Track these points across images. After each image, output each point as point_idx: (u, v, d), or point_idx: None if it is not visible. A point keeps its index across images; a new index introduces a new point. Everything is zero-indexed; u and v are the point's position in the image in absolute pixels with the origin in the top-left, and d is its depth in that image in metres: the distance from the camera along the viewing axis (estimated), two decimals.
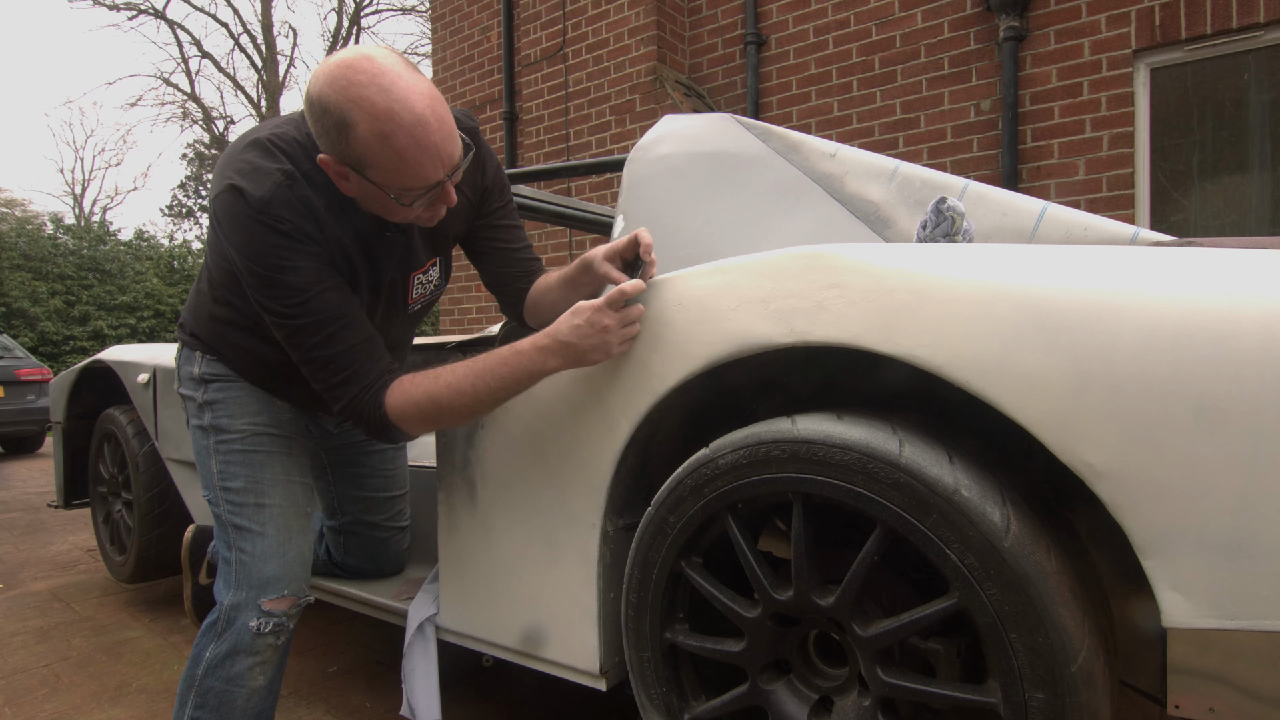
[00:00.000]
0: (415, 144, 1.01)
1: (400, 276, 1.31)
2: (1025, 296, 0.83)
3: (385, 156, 1.01)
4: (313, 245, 1.11)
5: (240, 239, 1.08)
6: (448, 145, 1.05)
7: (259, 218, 1.07)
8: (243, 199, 1.06)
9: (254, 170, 1.08)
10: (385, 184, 1.05)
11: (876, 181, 1.40)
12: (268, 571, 1.24)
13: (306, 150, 1.12)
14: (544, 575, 1.25)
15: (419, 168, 1.03)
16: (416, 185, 1.05)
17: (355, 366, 1.14)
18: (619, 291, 1.06)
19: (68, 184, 30.39)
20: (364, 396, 1.14)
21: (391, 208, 1.10)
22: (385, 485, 1.68)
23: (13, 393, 6.84)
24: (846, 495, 0.92)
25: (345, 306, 1.15)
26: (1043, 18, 3.70)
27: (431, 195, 1.09)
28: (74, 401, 2.71)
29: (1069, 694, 0.80)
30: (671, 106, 4.60)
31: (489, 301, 5.55)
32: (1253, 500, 0.72)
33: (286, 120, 1.18)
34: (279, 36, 20.86)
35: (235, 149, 1.14)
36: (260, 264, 1.09)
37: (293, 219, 1.08)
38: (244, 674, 1.22)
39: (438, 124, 1.02)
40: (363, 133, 1.00)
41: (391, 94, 0.99)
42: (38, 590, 2.76)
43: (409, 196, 1.07)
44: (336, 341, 1.13)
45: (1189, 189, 3.53)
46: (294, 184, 1.10)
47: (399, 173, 1.03)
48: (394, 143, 1.00)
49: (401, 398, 1.14)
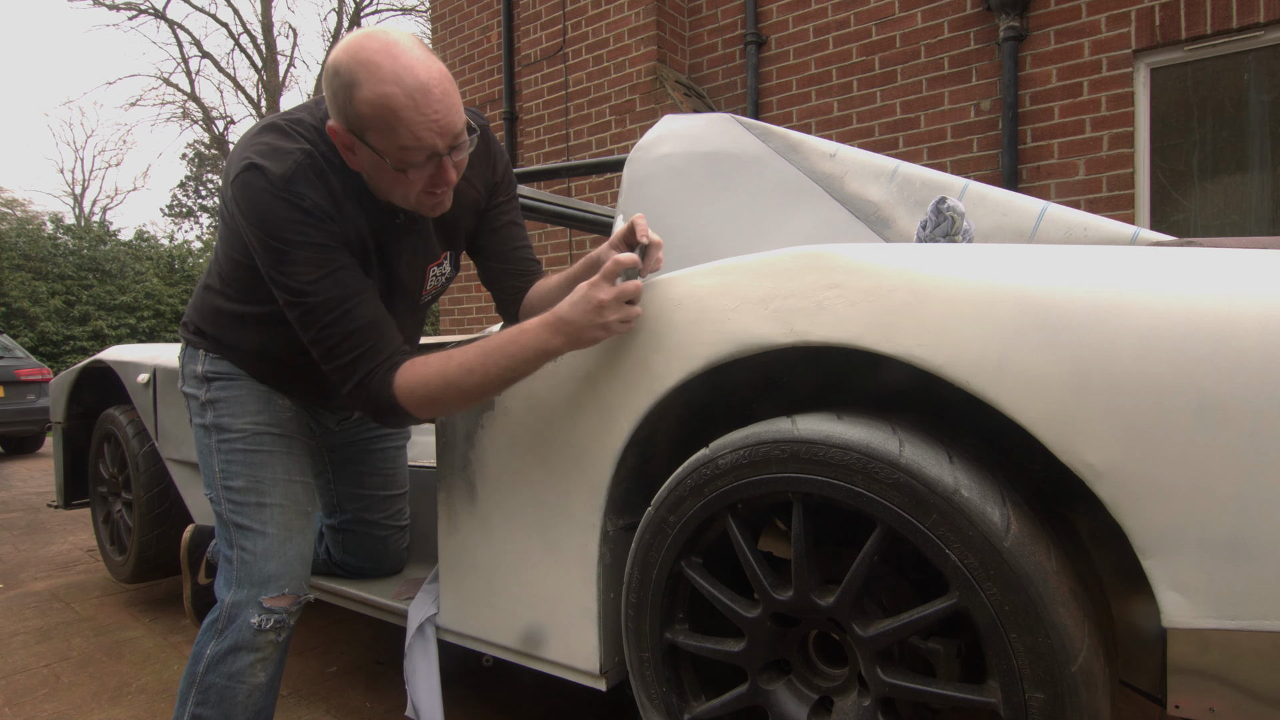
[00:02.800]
0: (414, 106, 1.02)
1: (419, 267, 1.32)
2: (1025, 296, 0.83)
3: (383, 116, 1.03)
4: (331, 224, 1.13)
5: (259, 215, 1.10)
6: (448, 117, 1.05)
7: (280, 194, 1.08)
8: (264, 175, 1.08)
9: (274, 150, 1.11)
10: (383, 148, 1.06)
11: (876, 181, 1.40)
12: (268, 569, 1.25)
13: (322, 135, 1.15)
14: (544, 575, 1.25)
15: (416, 130, 1.03)
16: (412, 148, 1.05)
17: (367, 345, 1.14)
18: (614, 262, 1.05)
19: (68, 184, 30.43)
20: (374, 375, 1.14)
21: (393, 182, 1.11)
22: (385, 484, 1.69)
23: (13, 393, 6.84)
24: (846, 495, 0.92)
25: (359, 285, 1.15)
26: (1043, 18, 3.70)
27: (429, 168, 1.09)
28: (74, 401, 2.71)
29: (1069, 694, 0.80)
30: (671, 106, 4.60)
31: (489, 301, 5.54)
32: (1253, 500, 0.72)
33: (300, 107, 1.21)
34: (279, 36, 20.87)
35: (251, 134, 1.16)
36: (279, 239, 1.10)
37: (313, 196, 1.11)
38: (245, 670, 1.23)
39: (440, 95, 1.04)
40: (365, 92, 1.02)
41: (399, 60, 1.02)
42: (38, 590, 2.76)
43: (405, 161, 1.07)
44: (349, 320, 1.13)
45: (1189, 189, 3.53)
46: (313, 162, 1.12)
47: (395, 133, 1.04)
48: (393, 102, 1.01)
49: (412, 377, 1.13)
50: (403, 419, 1.17)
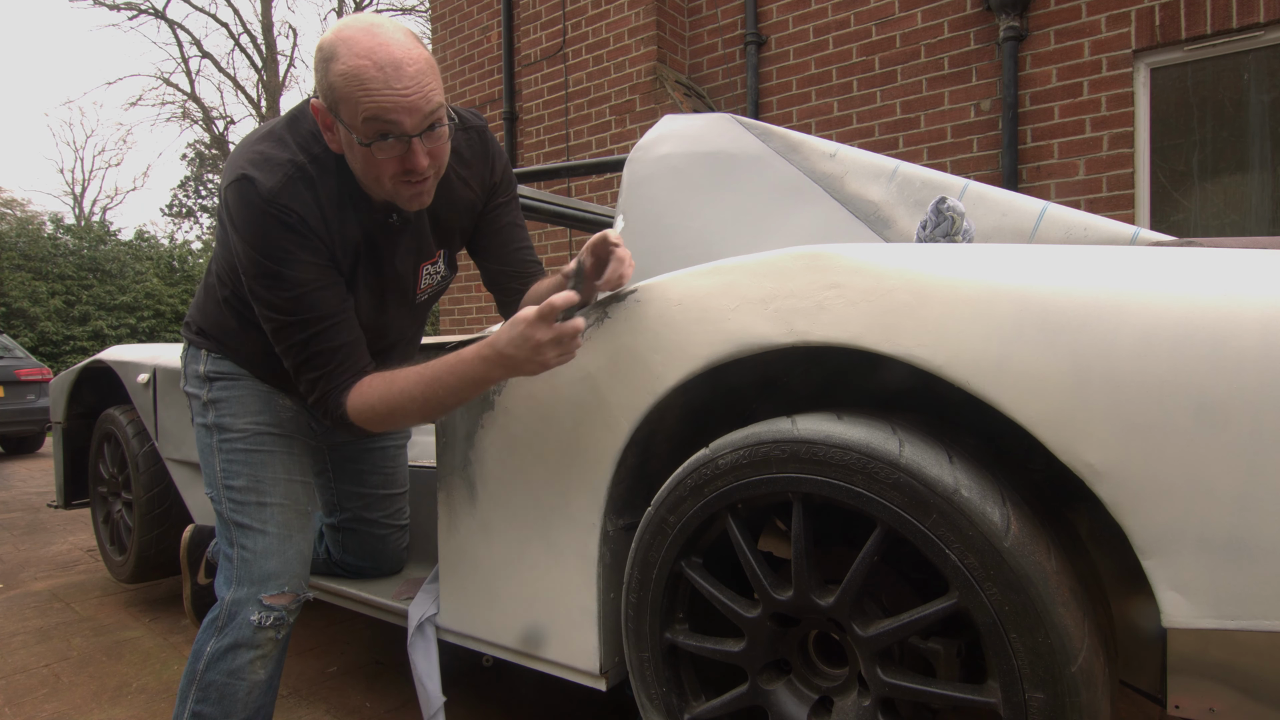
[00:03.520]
0: (382, 79, 1.02)
1: (411, 266, 1.32)
2: (1025, 296, 0.83)
3: (351, 87, 1.03)
4: (316, 240, 1.14)
5: (247, 228, 1.11)
6: (419, 95, 1.05)
7: (267, 208, 1.10)
8: (254, 188, 1.10)
9: (266, 161, 1.12)
10: (350, 121, 1.06)
11: (876, 181, 1.40)
12: (268, 568, 1.26)
13: (317, 136, 1.16)
14: (544, 575, 1.25)
15: (380, 100, 1.03)
16: (375, 120, 1.04)
17: (330, 367, 1.18)
18: (548, 305, 1.03)
19: (68, 184, 30.40)
20: (330, 395, 1.19)
21: (364, 163, 1.10)
22: (385, 483, 1.69)
23: (13, 393, 6.84)
24: (846, 495, 0.92)
25: (336, 307, 1.18)
26: (1043, 18, 3.70)
27: (398, 149, 1.08)
28: (74, 401, 2.71)
29: (1069, 694, 0.80)
30: (671, 106, 4.60)
31: (489, 301, 5.54)
32: (1253, 500, 0.72)
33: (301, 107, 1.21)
34: (279, 36, 20.87)
35: (250, 139, 1.17)
36: (263, 253, 1.12)
37: (300, 211, 1.12)
38: (245, 667, 1.24)
39: (413, 74, 1.04)
40: (339, 65, 1.03)
41: (376, 38, 1.03)
42: (38, 590, 2.76)
43: (369, 133, 1.06)
44: (317, 341, 1.17)
45: (1189, 189, 3.53)
46: (303, 174, 1.13)
47: (360, 104, 1.04)
48: (362, 74, 1.02)
49: (359, 400, 1.18)
50: (356, 432, 1.23)
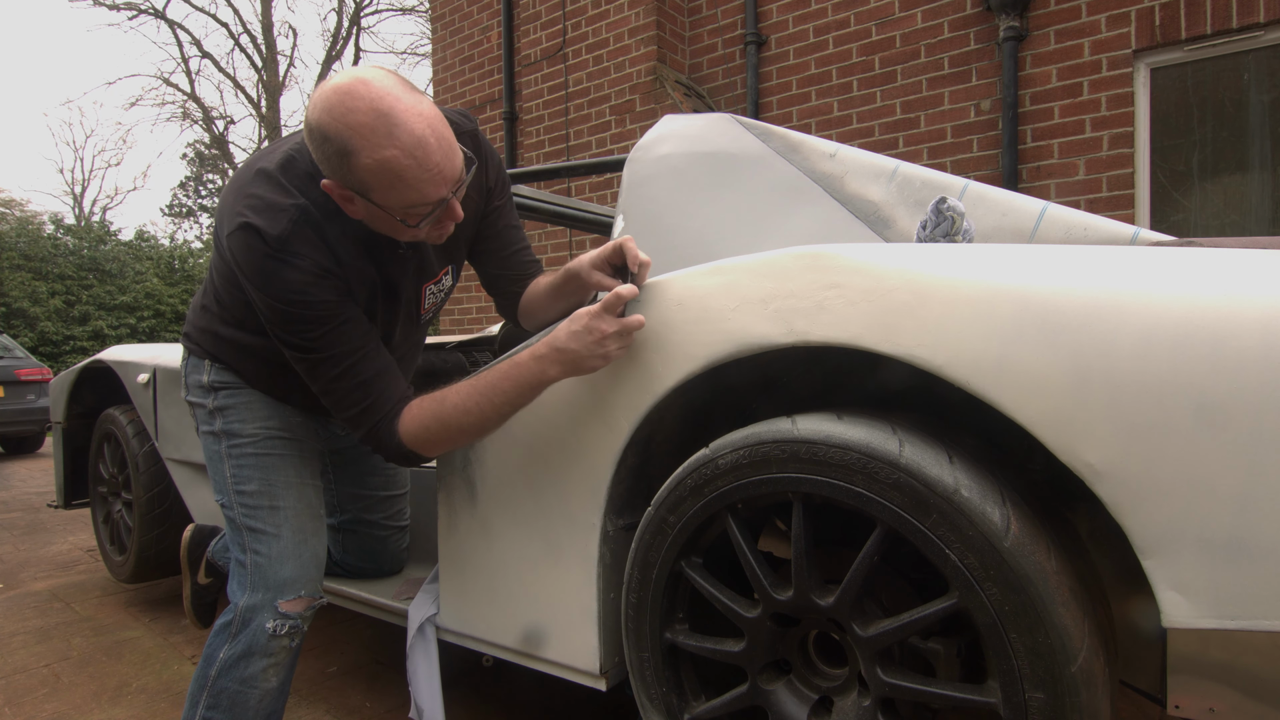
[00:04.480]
0: (416, 165, 1.01)
1: (414, 289, 1.32)
2: (1025, 296, 0.83)
3: (386, 180, 1.02)
4: (330, 279, 1.12)
5: (260, 279, 1.09)
6: (449, 163, 1.05)
7: (277, 255, 1.07)
8: (260, 238, 1.07)
9: (267, 207, 1.09)
10: (389, 205, 1.05)
11: (876, 181, 1.40)
12: (284, 573, 1.25)
13: (314, 177, 1.12)
14: (544, 575, 1.25)
15: (421, 187, 1.03)
16: (419, 204, 1.05)
17: (373, 398, 1.16)
18: (615, 296, 1.06)
19: (68, 184, 30.39)
20: (381, 426, 1.17)
21: (398, 228, 1.11)
22: (385, 484, 1.69)
23: (13, 393, 6.84)
24: (846, 495, 0.92)
25: (363, 339, 1.16)
26: (1043, 18, 3.70)
27: (437, 214, 1.09)
28: (74, 401, 2.71)
29: (1069, 694, 0.80)
30: (671, 106, 4.60)
31: (489, 301, 5.54)
32: (1253, 500, 0.72)
33: (292, 145, 1.17)
34: (279, 36, 20.86)
35: (244, 180, 1.14)
36: (280, 300, 1.09)
37: (311, 254, 1.10)
38: (258, 675, 1.23)
39: (437, 143, 1.02)
40: (364, 160, 1.00)
41: (389, 118, 0.99)
42: (38, 590, 2.76)
43: (414, 216, 1.07)
44: (354, 373, 1.15)
45: (1189, 189, 3.53)
46: (308, 218, 1.10)
47: (402, 194, 1.03)
48: (394, 166, 1.00)
49: (412, 424, 1.16)
50: (415, 460, 1.20)
